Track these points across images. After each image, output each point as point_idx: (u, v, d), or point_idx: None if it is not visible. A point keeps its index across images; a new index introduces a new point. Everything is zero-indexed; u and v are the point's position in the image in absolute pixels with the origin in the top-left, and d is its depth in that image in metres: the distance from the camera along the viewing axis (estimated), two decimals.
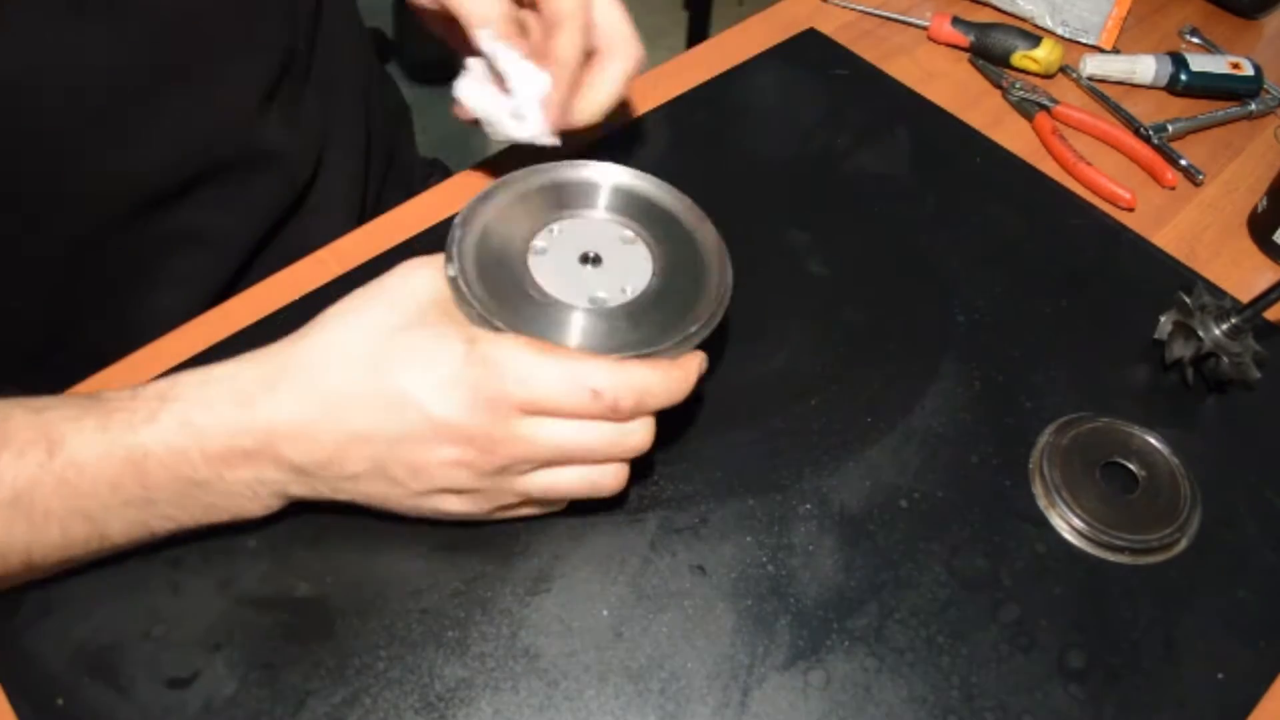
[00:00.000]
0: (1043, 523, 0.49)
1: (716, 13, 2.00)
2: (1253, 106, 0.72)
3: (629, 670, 0.43)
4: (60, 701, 0.41)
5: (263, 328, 0.53)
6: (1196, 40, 0.79)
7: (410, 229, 0.59)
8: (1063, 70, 0.74)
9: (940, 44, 0.75)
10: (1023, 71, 0.73)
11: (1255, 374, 0.54)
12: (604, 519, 0.47)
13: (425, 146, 0.85)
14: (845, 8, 0.77)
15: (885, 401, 0.53)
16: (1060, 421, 0.53)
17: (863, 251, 0.61)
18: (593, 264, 0.47)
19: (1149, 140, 0.69)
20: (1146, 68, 0.73)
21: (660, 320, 0.44)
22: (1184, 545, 0.49)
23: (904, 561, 0.47)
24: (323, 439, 0.40)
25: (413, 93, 0.84)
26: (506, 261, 0.45)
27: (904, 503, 0.49)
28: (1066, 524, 0.49)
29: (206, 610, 0.43)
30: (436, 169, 0.84)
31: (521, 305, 0.44)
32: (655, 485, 0.49)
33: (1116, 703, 0.44)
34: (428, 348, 0.40)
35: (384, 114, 0.72)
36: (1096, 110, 0.72)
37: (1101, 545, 0.49)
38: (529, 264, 0.46)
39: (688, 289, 0.46)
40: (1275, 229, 0.63)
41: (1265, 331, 0.56)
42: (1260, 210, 0.64)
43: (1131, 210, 0.65)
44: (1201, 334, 0.53)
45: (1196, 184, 0.67)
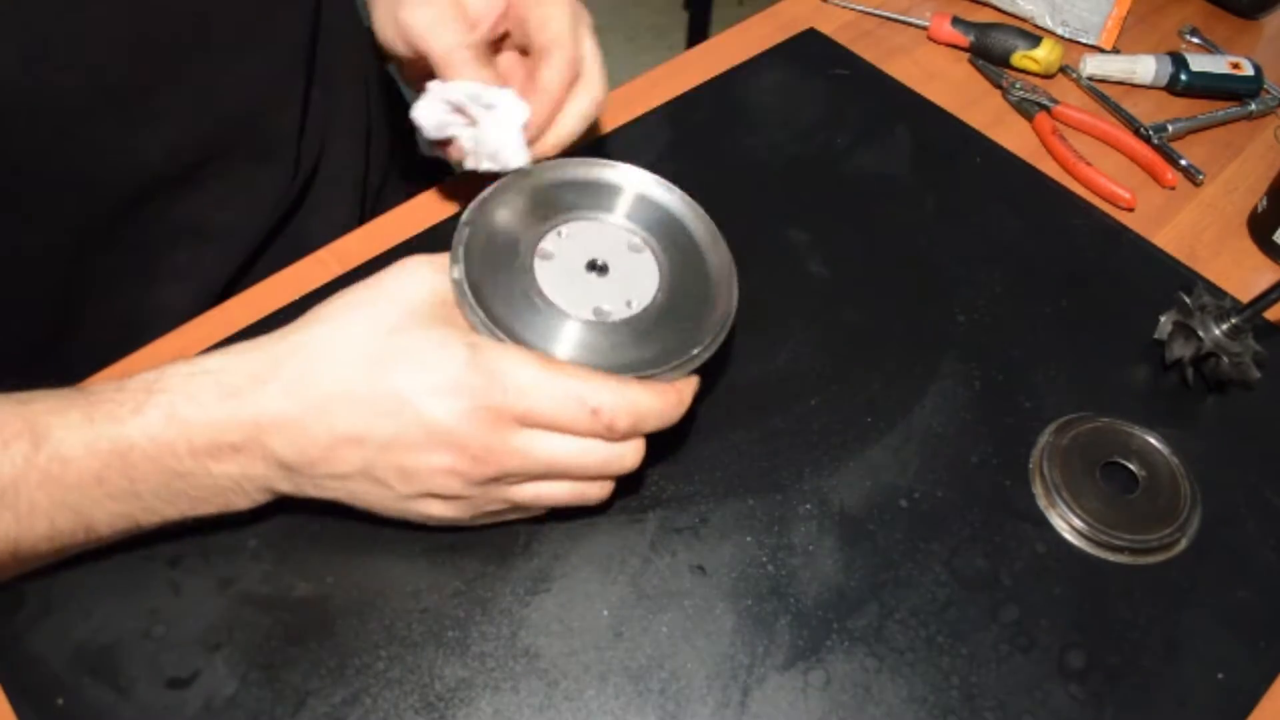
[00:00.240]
0: (1043, 523, 0.49)
1: (716, 13, 2.00)
2: (1253, 106, 0.72)
3: (629, 670, 0.43)
4: (60, 701, 0.41)
5: (263, 327, 0.53)
6: (1196, 40, 0.79)
7: (410, 229, 0.59)
8: (1063, 70, 0.74)
9: (940, 44, 0.75)
10: (1023, 71, 0.73)
11: (1255, 374, 0.54)
12: (604, 519, 0.47)
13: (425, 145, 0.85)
14: (845, 8, 0.77)
15: (885, 401, 0.53)
16: (1060, 421, 0.53)
17: (863, 251, 0.61)
18: (599, 272, 0.46)
19: (1149, 140, 0.69)
20: (1146, 68, 0.73)
21: (662, 340, 0.44)
22: (1184, 545, 0.49)
23: (904, 561, 0.47)
24: (313, 437, 0.40)
25: (410, 91, 0.84)
26: (512, 265, 0.45)
27: (904, 503, 0.49)
28: (1066, 524, 0.49)
29: (206, 610, 0.43)
30: (438, 167, 0.84)
31: (524, 312, 0.43)
32: (655, 485, 0.49)
33: (1116, 703, 0.44)
34: (427, 351, 0.40)
35: (385, 111, 0.72)
36: (1096, 110, 0.72)
37: (1101, 545, 0.49)
38: (534, 269, 0.45)
39: (692, 309, 0.45)
40: (1275, 229, 0.63)
41: (1265, 331, 0.56)
42: (1260, 210, 0.64)
43: (1131, 210, 0.65)
44: (1201, 334, 0.53)
45: (1196, 184, 0.67)
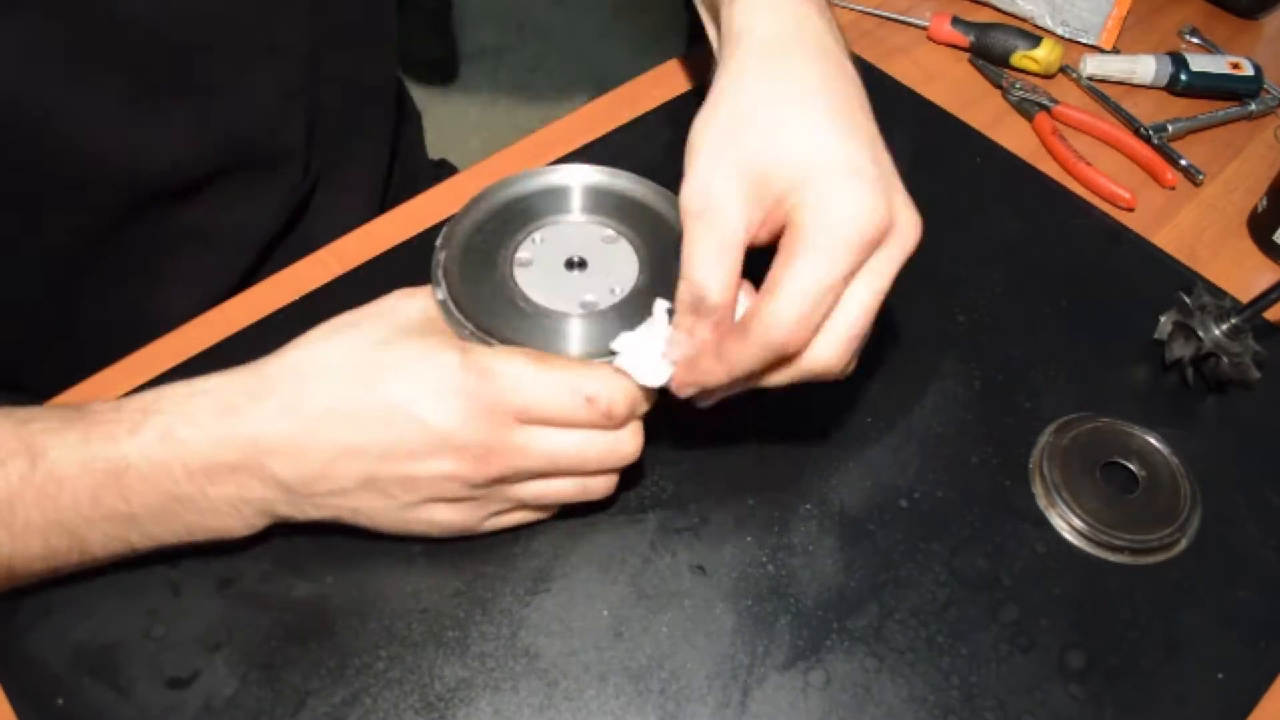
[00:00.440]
0: (1043, 523, 0.49)
1: None
2: (1253, 106, 0.72)
3: (629, 670, 0.43)
4: (60, 702, 0.41)
5: (263, 328, 0.53)
6: (1196, 40, 0.79)
7: (410, 229, 0.59)
8: (1063, 70, 0.74)
9: (940, 44, 0.75)
10: (1023, 71, 0.73)
11: (1255, 374, 0.54)
12: (604, 519, 0.47)
13: (428, 146, 0.85)
14: (845, 8, 0.77)
15: (885, 401, 0.53)
16: (1060, 421, 0.53)
17: None
18: (579, 268, 0.47)
19: (1149, 140, 0.69)
20: (1146, 68, 0.73)
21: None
22: (1184, 545, 0.49)
23: (904, 561, 0.47)
24: (310, 453, 0.39)
25: (413, 93, 0.84)
26: (493, 277, 0.45)
27: (904, 503, 0.49)
28: (1066, 524, 0.49)
29: (206, 610, 0.43)
30: (444, 169, 0.84)
31: (514, 319, 0.44)
32: (655, 485, 0.49)
33: (1116, 703, 0.44)
34: (419, 358, 0.40)
35: (394, 114, 0.72)
36: (1096, 110, 0.72)
37: (1101, 545, 0.49)
38: (516, 276, 0.46)
39: (674, 280, 0.45)
40: (1275, 229, 0.63)
41: (1265, 331, 0.56)
42: (1260, 210, 0.64)
43: (1131, 210, 0.65)
44: (1201, 334, 0.53)
45: (1196, 184, 0.67)
